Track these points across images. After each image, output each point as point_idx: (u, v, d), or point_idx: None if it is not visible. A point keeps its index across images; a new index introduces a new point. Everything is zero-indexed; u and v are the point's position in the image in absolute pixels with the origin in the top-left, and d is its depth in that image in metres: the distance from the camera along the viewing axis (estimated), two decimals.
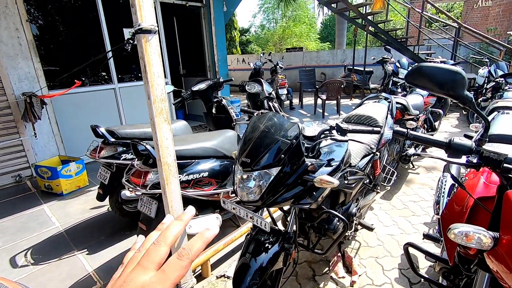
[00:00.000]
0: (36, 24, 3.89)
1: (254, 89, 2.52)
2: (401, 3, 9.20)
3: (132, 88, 4.72)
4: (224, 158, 2.16)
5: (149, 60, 1.34)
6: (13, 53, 3.48)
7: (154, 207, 1.87)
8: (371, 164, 2.05)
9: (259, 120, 1.43)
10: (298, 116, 6.66)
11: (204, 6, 5.66)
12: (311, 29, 21.75)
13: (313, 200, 1.34)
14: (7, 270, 2.13)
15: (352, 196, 1.93)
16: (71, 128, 4.06)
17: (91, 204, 3.04)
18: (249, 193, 1.31)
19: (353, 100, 8.17)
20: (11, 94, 3.50)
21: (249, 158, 1.27)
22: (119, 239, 2.43)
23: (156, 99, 1.39)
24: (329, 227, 1.71)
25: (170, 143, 1.49)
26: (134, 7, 1.26)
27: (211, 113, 3.16)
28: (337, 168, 1.45)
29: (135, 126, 2.51)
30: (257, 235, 1.44)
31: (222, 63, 6.03)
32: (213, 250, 1.97)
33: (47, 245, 2.41)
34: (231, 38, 16.00)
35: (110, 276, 2.03)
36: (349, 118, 2.27)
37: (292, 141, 1.26)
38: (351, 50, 10.03)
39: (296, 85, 8.92)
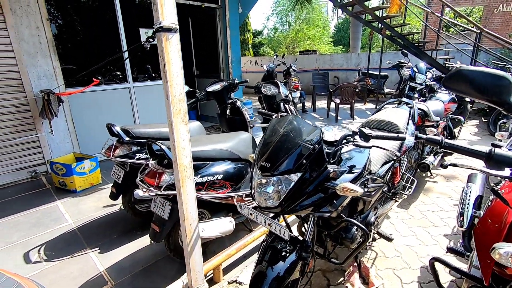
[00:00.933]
0: (55, 23, 3.96)
1: (270, 91, 2.48)
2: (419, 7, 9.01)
3: (146, 87, 4.75)
4: (238, 160, 2.13)
5: (168, 59, 1.31)
6: (33, 51, 3.55)
7: (167, 209, 1.84)
8: (391, 171, 1.98)
9: (278, 124, 1.39)
10: (311, 120, 6.58)
11: (220, 8, 5.67)
12: (324, 32, 21.64)
13: (334, 208, 1.29)
14: (20, 266, 2.14)
15: (371, 205, 1.86)
16: (85, 126, 4.11)
17: (103, 202, 3.05)
18: (268, 198, 1.26)
19: (367, 104, 8.03)
20: (30, 91, 3.57)
21: (269, 163, 1.22)
22: (131, 239, 2.42)
23: (175, 99, 1.36)
24: (347, 236, 1.64)
25: (187, 145, 1.45)
26: (155, 4, 1.24)
27: (225, 115, 3.13)
28: (359, 176, 1.39)
29: (150, 126, 2.51)
30: (273, 242, 1.39)
31: (235, 64, 6.02)
32: (225, 255, 1.93)
33: (60, 242, 2.42)
34: (244, 40, 16.04)
35: (121, 275, 2.03)
36: (369, 123, 2.20)
37: (314, 146, 1.21)
38: (365, 54, 9.89)
39: (309, 88, 8.84)
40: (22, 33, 3.43)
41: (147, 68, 5.22)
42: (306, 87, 9.45)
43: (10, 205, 3.03)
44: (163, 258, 2.20)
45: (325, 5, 24.26)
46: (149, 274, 2.05)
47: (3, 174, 3.52)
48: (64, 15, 4.02)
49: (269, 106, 2.47)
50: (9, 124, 3.48)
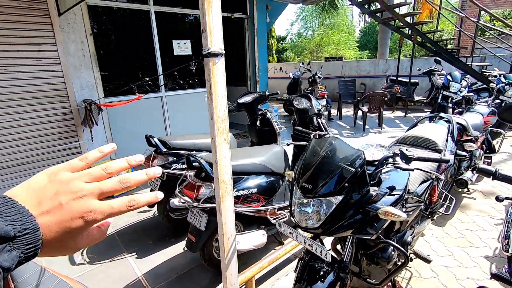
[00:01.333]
0: (96, 36, 4.23)
1: (303, 104, 2.50)
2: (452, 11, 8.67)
3: (177, 96, 4.94)
4: (271, 174, 2.17)
5: (215, 82, 1.38)
6: (78, 63, 3.82)
7: (204, 220, 1.91)
8: (429, 190, 1.93)
9: (318, 144, 1.41)
10: (337, 128, 6.50)
11: (248, 18, 5.79)
12: (349, 37, 21.30)
13: (375, 231, 1.29)
14: (67, 267, 2.30)
15: (407, 224, 1.83)
16: (121, 133, 4.34)
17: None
18: (308, 219, 1.29)
19: (395, 112, 7.80)
20: (74, 101, 3.83)
21: (310, 184, 1.25)
22: (165, 246, 2.53)
23: (218, 119, 1.43)
24: (383, 256, 1.62)
25: (228, 162, 1.51)
26: (205, 32, 1.32)
27: (255, 125, 3.19)
28: (400, 198, 1.39)
29: (186, 137, 2.61)
30: (311, 261, 1.41)
31: (262, 73, 6.10)
32: (258, 267, 1.97)
33: (101, 245, 2.57)
34: (268, 46, 16.13)
35: (157, 281, 2.12)
36: (404, 140, 2.16)
37: (356, 170, 1.22)
38: (394, 60, 9.63)
39: (334, 95, 8.74)
40: (68, 47, 3.71)
41: (175, 75, 5.43)
42: (331, 94, 9.35)
43: None
44: (196, 266, 2.28)
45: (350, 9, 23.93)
46: (184, 281, 2.13)
47: None
48: (105, 29, 4.30)
49: (301, 120, 2.49)
50: (54, 131, 3.76)
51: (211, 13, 1.31)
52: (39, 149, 3.65)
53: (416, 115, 7.30)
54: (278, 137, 3.14)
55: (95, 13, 4.03)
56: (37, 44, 3.48)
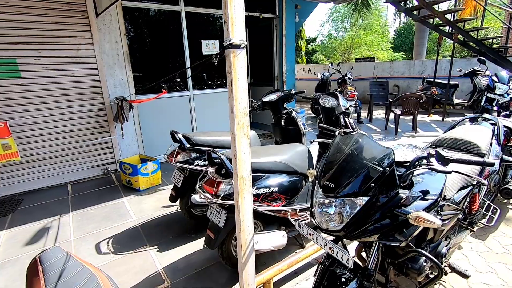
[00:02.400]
0: (129, 36, 4.41)
1: (329, 103, 2.40)
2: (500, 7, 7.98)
3: (204, 95, 5.01)
4: (294, 174, 2.09)
5: (235, 75, 1.34)
6: (112, 62, 4.00)
7: (223, 217, 1.89)
8: (469, 198, 1.74)
9: (343, 142, 1.32)
10: (367, 131, 6.22)
11: (277, 17, 5.75)
12: (383, 38, 20.46)
13: (404, 238, 1.17)
14: (93, 255, 2.39)
15: (443, 234, 1.66)
16: (150, 130, 4.48)
17: (162, 202, 3.27)
18: (329, 220, 1.20)
19: (431, 116, 7.32)
20: (107, 98, 4.02)
21: (333, 183, 1.17)
22: (186, 241, 2.54)
23: (239, 113, 1.39)
24: (413, 267, 1.48)
25: (247, 158, 1.47)
26: (227, 22, 1.29)
27: (279, 124, 3.13)
28: (434, 203, 1.25)
29: (209, 134, 2.62)
30: (331, 266, 1.32)
31: (290, 73, 6.02)
32: (276, 269, 1.90)
33: (125, 236, 2.65)
34: (297, 48, 16.00)
35: (176, 276, 2.12)
36: (441, 142, 1.98)
37: (384, 169, 1.12)
38: (431, 61, 9.07)
39: (365, 97, 8.42)
40: (104, 47, 3.90)
41: (202, 76, 5.52)
42: (362, 96, 9.02)
43: (86, 198, 3.43)
44: (215, 263, 2.26)
45: (384, 9, 23.02)
46: (202, 278, 2.11)
47: (82, 170, 4.01)
48: (137, 30, 4.47)
49: (327, 119, 2.38)
50: (88, 127, 3.97)
51: (233, 3, 1.28)
52: (74, 143, 3.87)
53: (455, 119, 6.78)
54: (303, 137, 3.05)
55: (129, 14, 4.21)
56: (76, 43, 3.69)
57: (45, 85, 3.58)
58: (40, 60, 3.52)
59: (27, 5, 3.34)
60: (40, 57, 3.51)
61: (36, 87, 3.54)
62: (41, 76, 3.55)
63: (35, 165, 3.69)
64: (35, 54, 3.48)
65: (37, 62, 3.50)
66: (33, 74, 3.50)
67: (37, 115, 3.57)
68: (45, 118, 3.63)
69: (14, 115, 3.44)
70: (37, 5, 3.39)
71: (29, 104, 3.53)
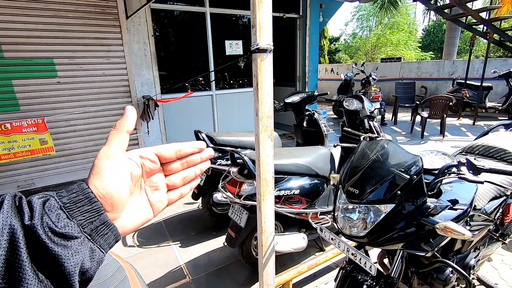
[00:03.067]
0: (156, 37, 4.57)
1: (353, 106, 2.36)
2: None
3: (227, 95, 5.08)
4: (316, 176, 2.08)
5: (261, 79, 1.37)
6: (140, 62, 4.16)
7: (244, 217, 1.92)
8: (501, 208, 1.66)
9: (369, 147, 1.31)
10: (391, 133, 6.04)
11: (301, 17, 5.71)
12: (410, 37, 19.72)
13: (430, 248, 1.14)
14: (119, 247, 2.52)
15: (471, 245, 1.60)
16: (174, 128, 4.62)
17: (185, 199, 3.36)
18: (352, 226, 1.20)
19: (461, 119, 6.97)
20: (134, 96, 4.19)
21: (357, 189, 1.16)
22: (207, 238, 2.61)
23: (263, 116, 1.41)
24: (439, 277, 1.44)
25: (271, 160, 1.49)
26: (254, 27, 1.31)
27: (301, 126, 3.12)
28: (463, 214, 1.21)
29: (231, 134, 2.66)
30: (353, 272, 1.31)
31: (312, 73, 5.96)
32: (296, 271, 1.91)
33: (150, 230, 2.76)
34: (320, 47, 15.77)
35: (197, 271, 2.19)
36: (472, 149, 1.90)
37: (411, 177, 1.10)
38: (463, 61, 8.65)
39: (390, 99, 8.17)
40: (133, 47, 4.07)
41: (224, 75, 5.60)
42: (387, 98, 8.75)
43: None
44: (234, 262, 2.30)
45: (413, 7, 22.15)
46: (222, 275, 2.16)
47: None
48: (163, 30, 4.62)
49: (351, 122, 2.35)
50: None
51: (261, 8, 1.30)
52: (104, 139, 4.05)
53: (488, 123, 6.43)
54: (325, 139, 3.02)
55: (156, 16, 4.35)
56: (107, 44, 3.87)
57: (78, 84, 3.79)
58: (75, 60, 3.72)
59: (64, 9, 3.54)
60: (74, 58, 3.71)
61: (71, 85, 3.76)
62: (75, 76, 3.76)
63: (69, 159, 3.91)
64: (70, 54, 3.68)
65: (72, 62, 3.71)
66: (68, 73, 3.72)
67: (71, 112, 3.78)
68: (78, 115, 3.84)
69: (50, 112, 3.67)
70: (72, 9, 3.58)
71: (64, 101, 3.75)
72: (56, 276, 0.30)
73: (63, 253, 0.30)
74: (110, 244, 0.36)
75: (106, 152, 0.38)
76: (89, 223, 0.33)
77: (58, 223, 0.31)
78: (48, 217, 0.30)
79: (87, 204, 0.33)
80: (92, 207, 0.34)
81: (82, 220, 0.33)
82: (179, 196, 0.47)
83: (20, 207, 0.30)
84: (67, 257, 0.30)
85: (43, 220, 0.30)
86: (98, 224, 0.34)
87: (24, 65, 3.47)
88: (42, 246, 0.29)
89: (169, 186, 0.45)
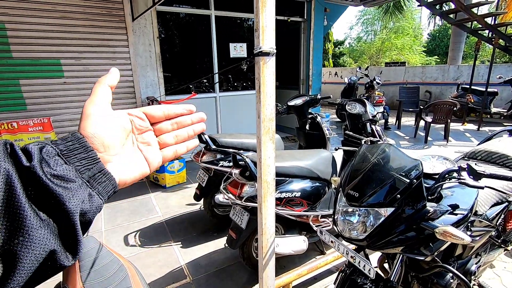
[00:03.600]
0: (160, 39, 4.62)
1: (356, 109, 2.37)
2: None
3: (230, 97, 5.11)
4: (317, 179, 2.09)
5: (264, 81, 1.38)
6: (145, 64, 4.21)
7: (245, 219, 1.93)
8: (503, 215, 1.66)
9: (369, 151, 1.32)
10: (394, 138, 6.02)
11: (305, 21, 5.74)
12: (415, 41, 19.68)
13: (430, 252, 1.14)
14: (121, 246, 2.54)
15: (472, 250, 1.59)
16: None
17: (187, 200, 3.38)
18: (352, 229, 1.20)
19: (466, 125, 6.93)
20: (139, 97, 4.23)
21: (357, 192, 1.17)
22: (208, 239, 2.62)
23: (265, 119, 1.43)
24: (439, 283, 1.43)
25: (272, 162, 1.50)
26: (257, 31, 1.33)
27: (304, 129, 3.13)
28: (463, 219, 1.21)
29: (234, 136, 2.68)
30: (352, 275, 1.32)
31: (316, 77, 5.98)
32: (296, 274, 1.91)
33: (151, 230, 2.78)
34: (324, 51, 15.81)
35: (198, 272, 2.19)
36: (475, 154, 1.90)
37: (411, 181, 1.10)
38: (467, 66, 8.61)
39: (393, 103, 8.15)
40: (138, 49, 4.12)
41: (228, 77, 5.63)
42: (390, 102, 8.73)
43: (118, 192, 3.62)
44: (235, 263, 2.31)
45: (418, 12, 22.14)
46: (222, 277, 2.17)
47: None
48: (168, 32, 4.66)
49: (353, 125, 2.35)
50: None
51: (264, 12, 1.32)
52: None
53: (493, 129, 6.38)
54: (327, 142, 3.03)
55: (162, 18, 4.40)
56: (113, 46, 3.93)
57: (84, 84, 3.84)
58: (81, 61, 3.78)
59: (71, 10, 3.60)
60: (81, 58, 3.77)
61: (77, 86, 3.81)
62: (82, 76, 3.81)
63: None
64: (77, 55, 3.74)
65: (78, 63, 3.77)
66: (75, 74, 3.77)
67: (77, 112, 3.83)
68: None
69: (56, 111, 3.73)
70: (79, 10, 3.64)
71: (70, 101, 3.80)
72: (58, 216, 0.30)
73: (64, 193, 0.30)
74: (108, 193, 0.37)
75: (92, 100, 0.39)
76: (87, 169, 0.34)
77: (57, 167, 0.31)
78: (46, 162, 0.30)
79: (83, 152, 0.34)
80: (89, 155, 0.34)
81: (80, 166, 0.33)
82: (173, 154, 0.47)
83: (14, 152, 0.30)
84: (68, 196, 0.30)
85: (41, 163, 0.30)
86: (96, 172, 0.35)
87: (32, 65, 3.53)
88: (43, 186, 0.29)
89: (161, 145, 0.46)
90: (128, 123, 0.42)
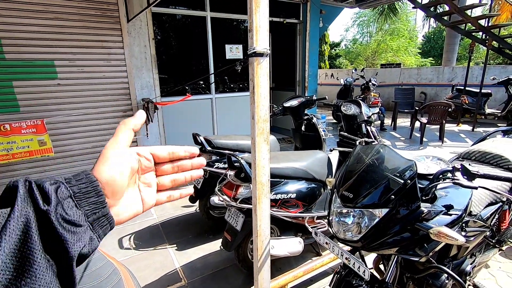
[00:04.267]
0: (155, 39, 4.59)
1: (351, 110, 2.37)
2: None
3: (226, 98, 5.10)
4: (312, 180, 2.09)
5: (258, 82, 1.38)
6: (140, 65, 4.18)
7: (240, 220, 1.92)
8: (497, 215, 1.66)
9: (364, 151, 1.31)
10: (390, 139, 6.05)
11: (301, 23, 5.75)
12: (410, 43, 19.84)
13: (424, 253, 1.14)
14: (115, 249, 2.51)
15: (467, 251, 1.59)
16: (173, 131, 4.62)
17: (182, 202, 3.35)
18: (347, 230, 1.20)
19: (461, 125, 6.98)
20: (134, 99, 4.20)
21: (352, 193, 1.16)
22: (203, 241, 2.60)
23: (260, 119, 1.42)
24: (434, 283, 1.43)
25: (267, 163, 1.49)
26: (251, 31, 1.33)
27: (300, 130, 3.13)
28: (458, 219, 1.21)
29: (229, 137, 2.67)
30: (348, 277, 1.31)
31: (312, 78, 5.99)
32: (292, 276, 1.90)
33: (146, 233, 2.75)
34: (321, 52, 15.88)
35: (193, 275, 2.17)
36: (469, 154, 1.91)
37: (405, 182, 1.10)
38: (462, 68, 8.69)
39: (389, 104, 8.19)
40: (133, 50, 4.09)
41: (224, 79, 5.62)
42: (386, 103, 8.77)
43: None
44: (231, 266, 2.29)
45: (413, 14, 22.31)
46: (218, 279, 2.15)
47: None
48: (164, 34, 4.64)
49: (349, 126, 2.36)
50: (116, 126, 4.15)
51: (258, 13, 1.31)
52: (103, 141, 4.07)
53: (487, 129, 6.43)
54: (323, 143, 3.03)
55: (158, 19, 4.38)
56: (108, 47, 3.90)
57: (79, 86, 3.80)
58: (75, 63, 3.74)
59: (65, 11, 3.57)
60: (75, 60, 3.73)
61: (71, 87, 3.77)
62: (76, 78, 3.77)
63: (68, 160, 3.91)
64: (71, 56, 3.70)
65: (72, 64, 3.73)
66: (69, 75, 3.73)
67: (71, 114, 3.79)
68: (78, 117, 3.85)
69: (50, 113, 3.68)
70: (73, 11, 3.61)
71: (64, 103, 3.76)
72: (60, 258, 0.32)
73: (70, 238, 0.32)
74: (105, 234, 0.38)
75: (113, 143, 0.42)
76: (93, 213, 0.36)
77: (68, 210, 0.33)
78: (61, 205, 0.32)
79: (94, 196, 0.36)
80: (98, 199, 0.36)
81: (88, 210, 0.35)
82: (167, 199, 0.49)
83: (32, 191, 0.32)
84: (73, 242, 0.32)
85: (57, 208, 0.32)
86: (100, 216, 0.36)
87: (25, 67, 3.49)
88: (53, 230, 0.31)
89: (159, 187, 0.48)
90: (136, 163, 0.44)
